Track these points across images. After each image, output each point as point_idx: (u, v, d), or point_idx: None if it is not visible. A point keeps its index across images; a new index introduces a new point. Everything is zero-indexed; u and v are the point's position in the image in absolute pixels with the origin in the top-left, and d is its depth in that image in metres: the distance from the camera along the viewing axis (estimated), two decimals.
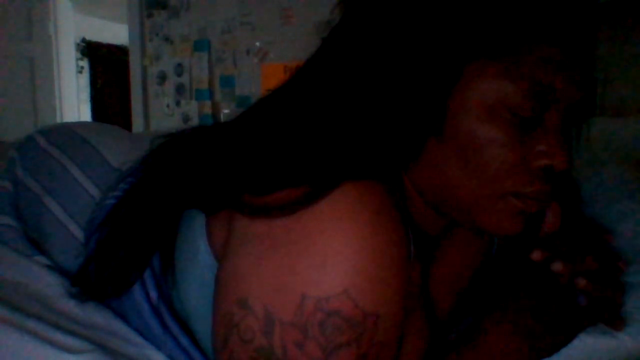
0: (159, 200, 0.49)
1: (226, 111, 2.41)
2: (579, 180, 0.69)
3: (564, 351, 0.47)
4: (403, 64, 0.42)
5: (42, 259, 0.56)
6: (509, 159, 0.42)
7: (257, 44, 2.29)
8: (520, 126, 0.41)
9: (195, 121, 2.48)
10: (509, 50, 0.40)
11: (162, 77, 2.60)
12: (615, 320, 0.47)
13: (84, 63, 4.20)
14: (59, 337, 0.46)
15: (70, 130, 0.65)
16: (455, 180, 0.43)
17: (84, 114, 4.15)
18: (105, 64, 4.43)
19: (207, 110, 2.46)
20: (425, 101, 0.42)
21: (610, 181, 0.80)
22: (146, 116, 2.68)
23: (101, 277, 0.49)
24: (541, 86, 0.40)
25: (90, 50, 4.27)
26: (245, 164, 0.43)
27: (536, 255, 0.46)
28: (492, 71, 0.41)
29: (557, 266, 0.45)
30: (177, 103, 2.56)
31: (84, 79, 4.22)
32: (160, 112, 2.63)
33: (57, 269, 0.55)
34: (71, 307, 0.50)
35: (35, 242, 0.59)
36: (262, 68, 2.29)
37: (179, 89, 2.54)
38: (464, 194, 0.43)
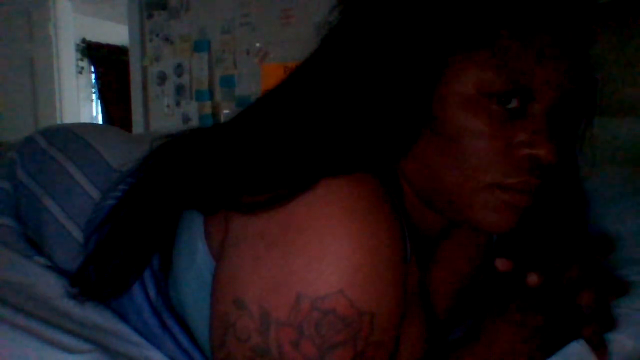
0: (158, 201, 0.49)
1: (226, 111, 2.41)
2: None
3: (566, 353, 0.46)
4: (389, 59, 0.43)
5: (41, 260, 0.56)
6: (491, 149, 0.41)
7: (257, 44, 2.29)
8: (503, 116, 0.41)
9: (195, 121, 2.48)
10: (490, 40, 0.40)
11: (162, 78, 2.60)
12: (599, 346, 0.46)
13: (84, 63, 4.20)
14: (59, 337, 0.46)
15: (70, 132, 0.65)
16: (441, 173, 0.43)
17: (85, 114, 4.15)
18: (105, 65, 4.43)
19: (207, 110, 2.46)
20: (411, 95, 0.42)
21: (610, 181, 0.80)
22: (146, 116, 2.68)
23: (101, 277, 0.49)
24: (520, 74, 0.40)
25: (90, 50, 4.27)
26: (240, 164, 0.43)
27: (531, 280, 0.43)
28: (473, 61, 0.41)
29: (532, 279, 0.43)
30: (177, 103, 2.56)
31: (84, 79, 4.22)
32: (160, 112, 2.63)
33: (56, 269, 0.55)
34: (71, 307, 0.51)
35: (35, 243, 0.59)
36: (262, 68, 2.29)
37: (179, 90, 2.54)
38: (450, 186, 0.43)
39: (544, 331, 0.45)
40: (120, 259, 0.49)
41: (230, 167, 0.44)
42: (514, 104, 0.41)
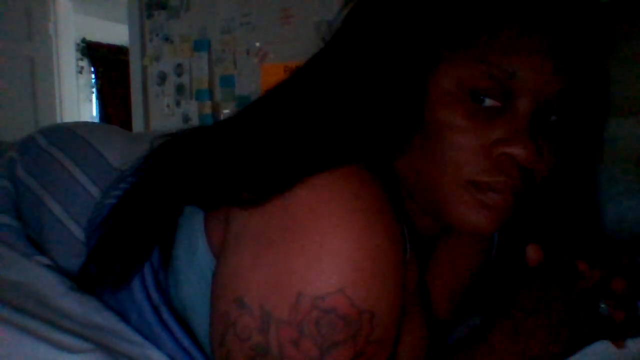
0: (158, 194, 0.50)
1: (226, 111, 2.41)
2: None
3: (586, 353, 0.46)
4: (381, 57, 0.43)
5: (42, 259, 0.56)
6: (467, 145, 0.41)
7: (257, 44, 2.29)
8: (482, 113, 0.41)
9: (195, 121, 2.48)
10: (474, 37, 0.41)
11: (162, 77, 2.60)
12: (619, 337, 0.46)
13: (84, 63, 4.19)
14: (59, 337, 0.46)
15: (71, 130, 0.65)
16: (424, 170, 0.43)
17: (85, 114, 4.15)
18: (105, 64, 4.43)
19: (207, 110, 2.46)
20: (401, 91, 0.42)
21: (611, 180, 0.80)
22: (146, 116, 2.68)
23: (101, 269, 0.50)
24: (499, 69, 0.40)
25: (90, 50, 4.27)
26: (238, 160, 0.43)
27: (582, 266, 0.43)
28: (457, 58, 0.41)
29: (595, 273, 0.43)
30: (177, 103, 2.56)
31: (84, 79, 4.22)
32: (160, 112, 2.63)
33: (57, 268, 0.55)
34: (71, 307, 0.50)
35: (35, 242, 0.59)
36: (262, 68, 2.29)
37: (179, 89, 2.54)
38: (431, 183, 0.43)
39: (551, 333, 0.44)
40: (119, 251, 0.49)
41: (229, 162, 0.44)
42: (493, 101, 0.41)
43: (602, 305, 0.44)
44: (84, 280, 0.52)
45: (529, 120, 0.41)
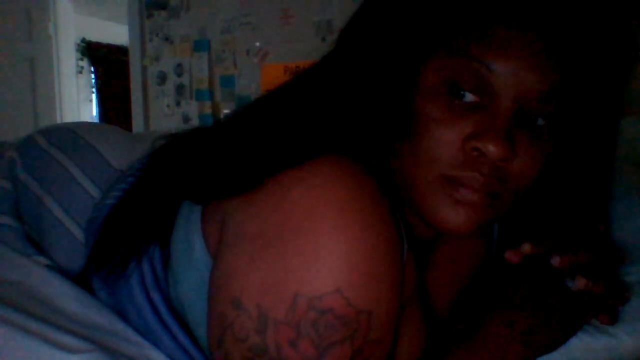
0: (157, 188, 0.50)
1: (226, 111, 2.41)
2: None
3: (562, 350, 0.47)
4: (374, 56, 0.44)
5: (42, 259, 0.56)
6: (441, 138, 0.41)
7: (257, 44, 2.29)
8: (462, 107, 0.41)
9: (195, 121, 2.48)
10: (463, 34, 0.41)
11: (162, 77, 2.60)
12: (601, 313, 0.47)
13: (84, 63, 4.20)
14: (59, 337, 0.46)
15: (70, 131, 0.65)
16: (406, 165, 0.44)
17: (84, 114, 4.16)
18: (105, 64, 4.43)
19: (207, 110, 2.46)
20: (392, 89, 0.43)
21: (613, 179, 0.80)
22: (146, 116, 2.68)
23: (100, 257, 0.50)
24: (479, 62, 0.40)
25: (90, 50, 4.27)
26: (233, 150, 0.44)
27: (526, 248, 0.45)
28: (445, 54, 0.41)
29: (555, 260, 0.45)
30: (177, 103, 2.56)
31: (84, 79, 4.22)
32: (160, 112, 2.63)
33: (57, 268, 0.56)
34: (71, 307, 0.51)
35: (35, 242, 0.59)
36: (262, 68, 2.29)
37: (179, 89, 2.54)
38: (409, 178, 0.44)
39: (543, 328, 0.45)
40: (118, 239, 0.50)
41: (224, 153, 0.45)
42: (473, 96, 0.41)
43: (569, 282, 0.46)
44: (84, 280, 0.52)
45: (508, 119, 0.40)
